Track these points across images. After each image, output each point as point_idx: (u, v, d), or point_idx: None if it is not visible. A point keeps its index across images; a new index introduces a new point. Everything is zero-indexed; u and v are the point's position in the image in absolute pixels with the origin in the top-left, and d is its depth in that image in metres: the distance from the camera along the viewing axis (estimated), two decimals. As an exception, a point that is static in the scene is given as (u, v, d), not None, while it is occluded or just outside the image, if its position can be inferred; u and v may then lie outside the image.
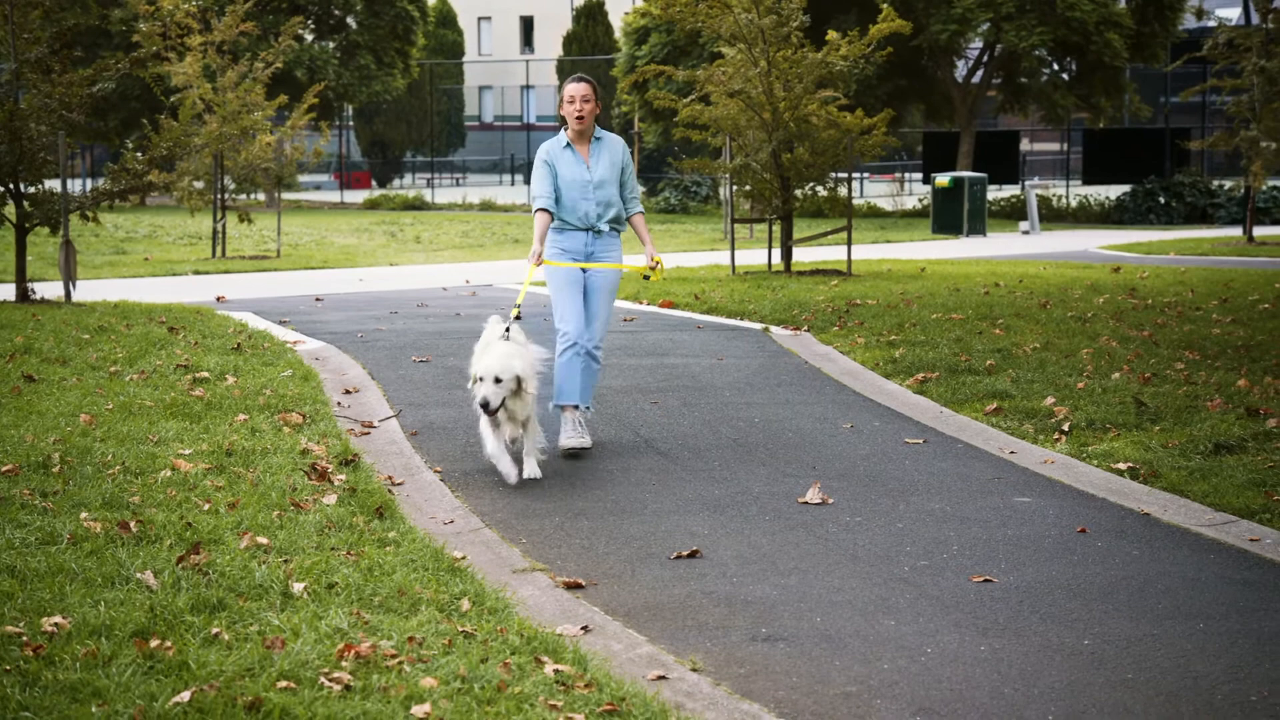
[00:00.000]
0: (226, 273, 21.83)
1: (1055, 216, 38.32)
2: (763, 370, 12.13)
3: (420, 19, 50.65)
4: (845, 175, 21.18)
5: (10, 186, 15.94)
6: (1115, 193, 38.62)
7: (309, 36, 46.92)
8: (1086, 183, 42.51)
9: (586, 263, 9.13)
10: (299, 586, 6.05)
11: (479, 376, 8.22)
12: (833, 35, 19.82)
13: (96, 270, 21.55)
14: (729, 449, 9.34)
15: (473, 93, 77.05)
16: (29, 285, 15.95)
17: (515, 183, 62.46)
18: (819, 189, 21.34)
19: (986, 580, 6.67)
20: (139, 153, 17.26)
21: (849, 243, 20.59)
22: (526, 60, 67.01)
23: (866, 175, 55.93)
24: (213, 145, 24.67)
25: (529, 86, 67.47)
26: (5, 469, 7.78)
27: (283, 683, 5.01)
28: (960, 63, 41.52)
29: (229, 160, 25.34)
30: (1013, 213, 38.19)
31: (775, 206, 20.30)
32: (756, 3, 18.99)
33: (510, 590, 6.39)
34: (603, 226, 9.12)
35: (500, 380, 8.16)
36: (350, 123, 62.09)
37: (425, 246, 28.35)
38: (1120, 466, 8.64)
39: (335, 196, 52.93)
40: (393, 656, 5.34)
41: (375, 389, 11.11)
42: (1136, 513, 7.85)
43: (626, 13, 43.98)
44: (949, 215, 32.24)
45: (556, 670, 5.33)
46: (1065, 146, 48.67)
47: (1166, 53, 40.02)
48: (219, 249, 25.03)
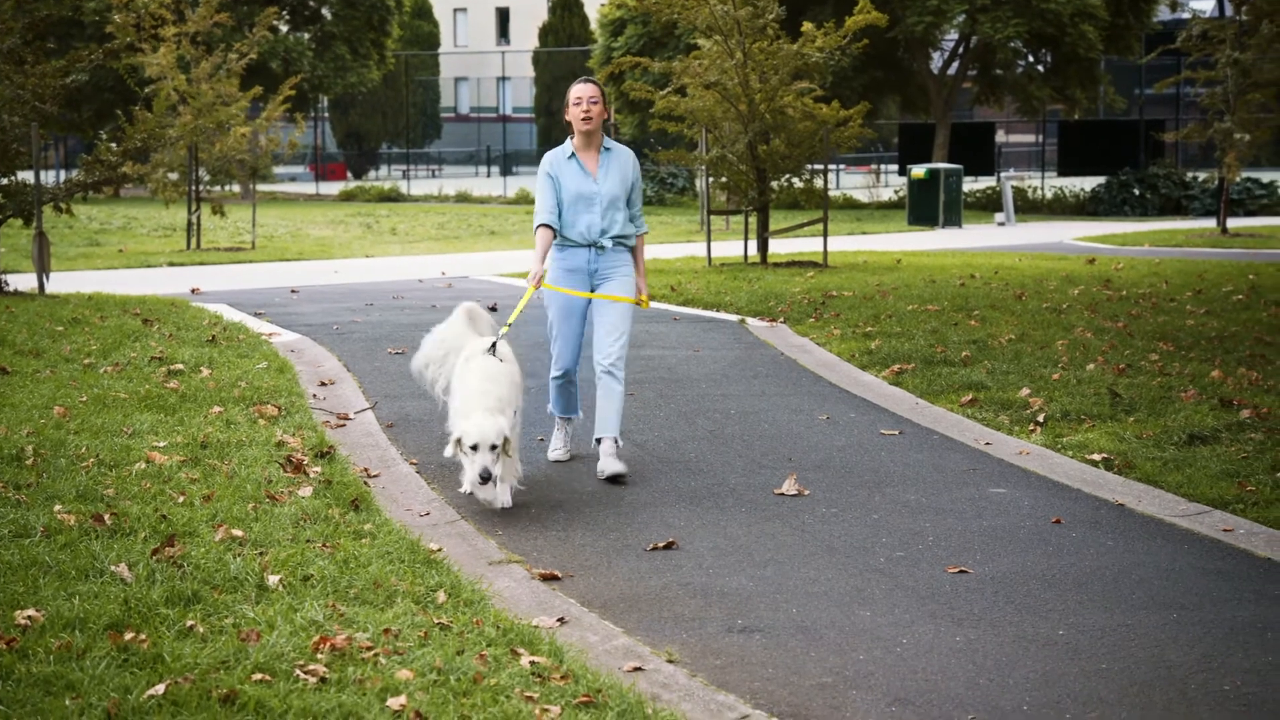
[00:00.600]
0: (201, 265, 21.75)
1: (1031, 208, 38.43)
2: (739, 362, 12.14)
3: (395, 10, 50.53)
4: (821, 167, 21.21)
5: (-17, 178, 15.86)
6: (1090, 184, 38.76)
7: (284, 28, 46.78)
8: (1062, 174, 42.64)
9: (591, 289, 8.44)
10: (274, 579, 6.04)
11: (471, 445, 7.40)
12: (808, 27, 19.84)
13: (70, 262, 21.44)
14: (705, 441, 9.34)
15: (448, 84, 76.93)
16: (2, 277, 15.86)
17: (491, 174, 62.38)
18: (795, 181, 21.36)
19: (962, 571, 6.69)
20: (113, 144, 17.14)
21: (825, 234, 20.61)
22: (502, 52, 66.93)
23: (842, 167, 56.01)
24: (187, 137, 24.55)
25: (505, 78, 67.36)
26: (-22, 462, 7.75)
27: (258, 675, 5.00)
28: (936, 55, 41.60)
29: (203, 152, 25.22)
30: (988, 204, 38.29)
31: (751, 198, 20.31)
32: (732, -6, 18.98)
33: (486, 582, 6.39)
34: (606, 243, 8.37)
35: (496, 446, 7.41)
36: (325, 114, 61.94)
37: (401, 238, 28.29)
38: (1095, 457, 8.67)
39: (311, 188, 52.79)
40: (368, 649, 5.33)
41: (351, 381, 11.08)
42: (1111, 503, 7.87)
43: (602, 4, 43.92)
44: (925, 207, 32.31)
45: (533, 662, 5.33)
46: (1040, 138, 48.82)
47: (1141, 45, 40.16)
48: (194, 241, 24.93)
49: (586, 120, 8.33)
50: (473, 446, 7.38)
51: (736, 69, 19.18)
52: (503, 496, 7.67)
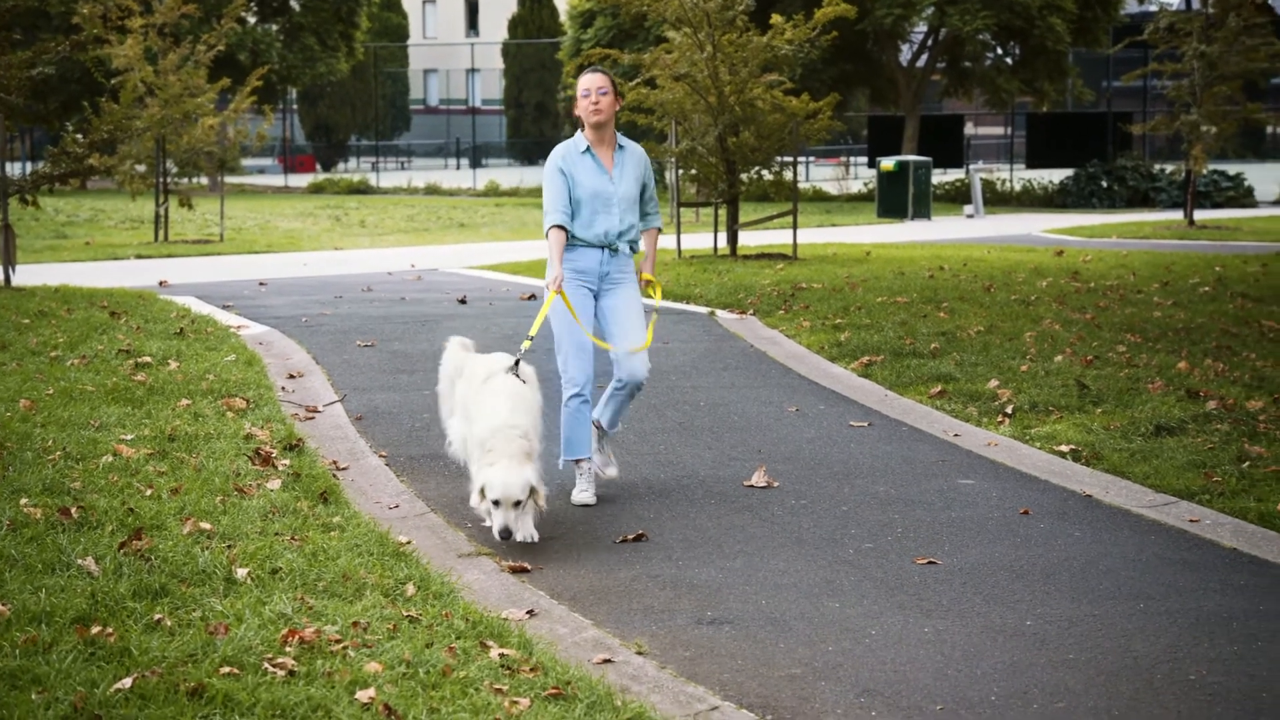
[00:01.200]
0: (169, 257, 21.64)
1: (999, 200, 38.53)
2: (708, 354, 12.15)
3: (364, 1, 50.35)
4: (791, 159, 21.22)
5: (-52, 170, 15.74)
6: (1058, 176, 38.85)
7: (251, 19, 46.55)
8: (1030, 166, 42.75)
9: (598, 292, 7.95)
10: (242, 572, 6.02)
11: (494, 500, 6.85)
12: (778, 19, 19.85)
13: (36, 254, 21.31)
14: (675, 433, 9.35)
15: (418, 76, 76.67)
16: (-33, 270, 15.77)
17: (461, 167, 62.21)
18: (765, 173, 21.36)
19: (930, 562, 6.71)
20: (79, 136, 17.04)
21: (794, 226, 20.64)
22: (472, 43, 66.75)
23: (812, 159, 56.06)
24: (154, 129, 24.43)
25: (474, 70, 67.18)
26: (-56, 455, 7.70)
27: (226, 668, 4.99)
28: (905, 47, 41.67)
29: (171, 144, 25.09)
30: (957, 196, 38.36)
31: (721, 190, 20.31)
32: (702, -14, 18.97)
33: (456, 575, 6.38)
34: (621, 245, 7.89)
35: (520, 503, 6.88)
36: (294, 106, 61.67)
37: (370, 231, 28.21)
38: (1063, 448, 8.71)
39: (279, 180, 52.57)
40: (337, 641, 5.32)
41: (320, 374, 11.05)
42: (1079, 494, 7.91)
43: (572, -4, 43.86)
44: (894, 199, 32.35)
45: (502, 654, 5.33)
46: (1009, 130, 48.94)
47: (1109, 37, 40.31)
48: (161, 233, 24.81)
49: (596, 112, 7.74)
50: (495, 502, 6.85)
51: (706, 61, 19.18)
52: (525, 530, 7.03)
